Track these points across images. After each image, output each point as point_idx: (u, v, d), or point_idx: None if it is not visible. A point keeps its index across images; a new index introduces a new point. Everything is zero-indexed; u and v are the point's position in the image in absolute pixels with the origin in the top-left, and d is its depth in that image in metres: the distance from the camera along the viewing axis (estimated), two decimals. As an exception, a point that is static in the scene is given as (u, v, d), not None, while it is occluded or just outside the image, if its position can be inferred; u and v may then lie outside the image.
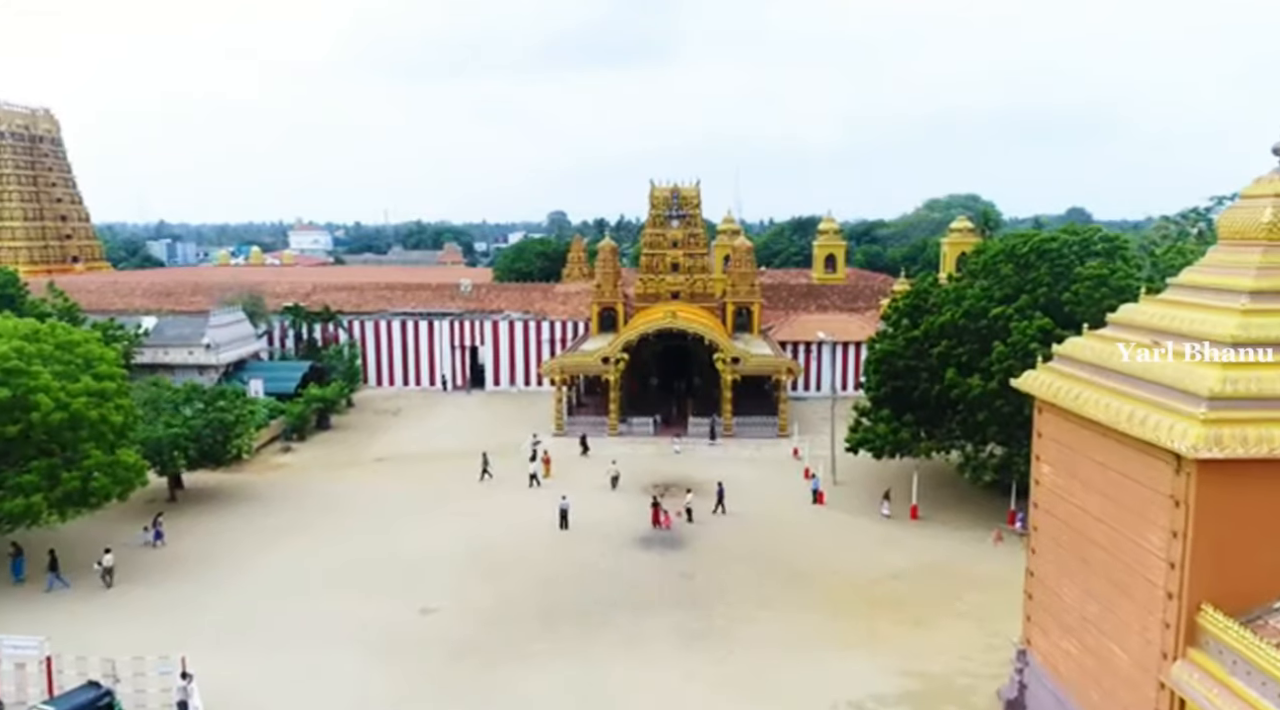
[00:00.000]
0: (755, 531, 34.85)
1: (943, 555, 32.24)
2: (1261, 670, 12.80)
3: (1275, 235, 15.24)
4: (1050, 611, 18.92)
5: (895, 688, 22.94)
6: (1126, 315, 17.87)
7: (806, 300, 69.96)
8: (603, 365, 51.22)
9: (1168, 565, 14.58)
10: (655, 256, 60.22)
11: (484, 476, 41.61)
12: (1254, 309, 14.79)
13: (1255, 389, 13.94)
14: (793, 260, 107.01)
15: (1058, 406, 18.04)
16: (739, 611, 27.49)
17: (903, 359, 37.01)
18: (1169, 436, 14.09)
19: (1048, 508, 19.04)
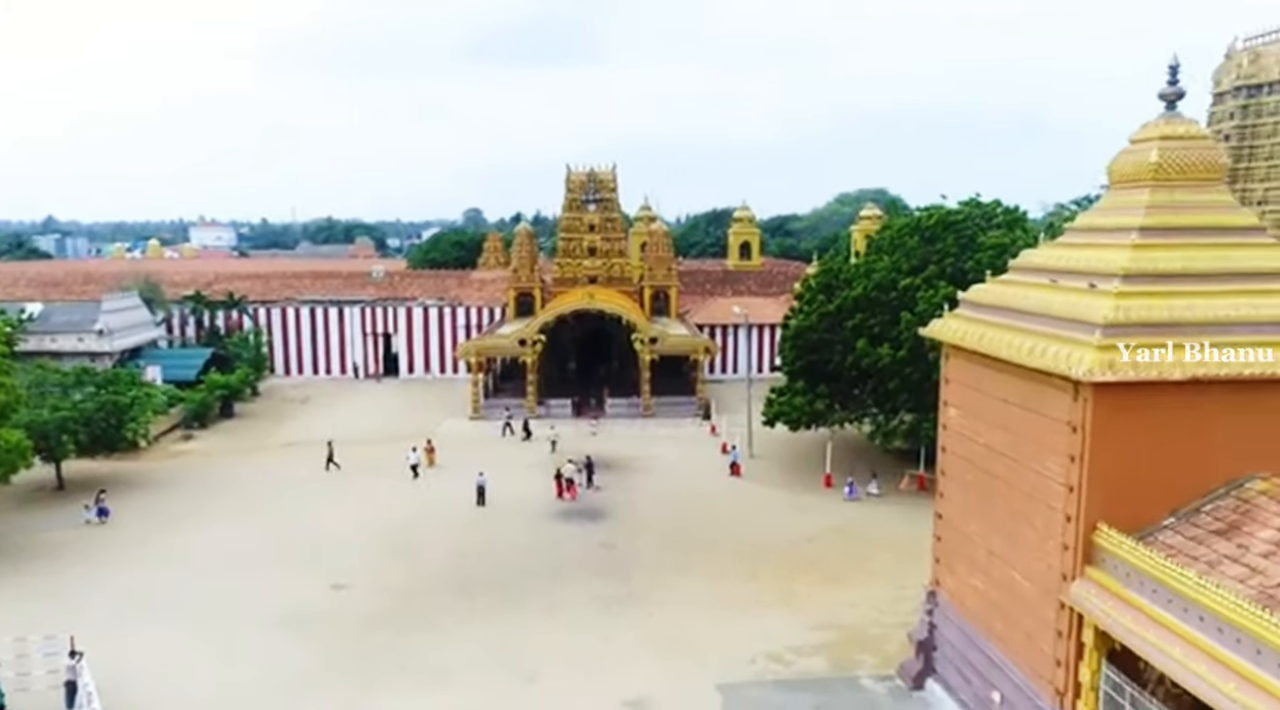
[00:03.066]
0: (676, 503, 35.00)
1: (856, 518, 33.00)
2: (1153, 579, 13.40)
3: (1161, 176, 16.00)
4: (957, 550, 19.48)
5: (811, 640, 23.32)
6: (1026, 259, 18.55)
7: (723, 286, 70.74)
8: (520, 347, 50.72)
9: (1066, 489, 15.14)
10: (572, 241, 59.89)
11: (329, 466, 39.01)
12: (1143, 243, 15.49)
13: (1144, 316, 14.59)
14: (709, 251, 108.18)
15: (964, 349, 18.59)
16: (659, 578, 27.52)
17: (816, 333, 37.70)
18: (1067, 364, 14.62)
19: (955, 450, 19.60)
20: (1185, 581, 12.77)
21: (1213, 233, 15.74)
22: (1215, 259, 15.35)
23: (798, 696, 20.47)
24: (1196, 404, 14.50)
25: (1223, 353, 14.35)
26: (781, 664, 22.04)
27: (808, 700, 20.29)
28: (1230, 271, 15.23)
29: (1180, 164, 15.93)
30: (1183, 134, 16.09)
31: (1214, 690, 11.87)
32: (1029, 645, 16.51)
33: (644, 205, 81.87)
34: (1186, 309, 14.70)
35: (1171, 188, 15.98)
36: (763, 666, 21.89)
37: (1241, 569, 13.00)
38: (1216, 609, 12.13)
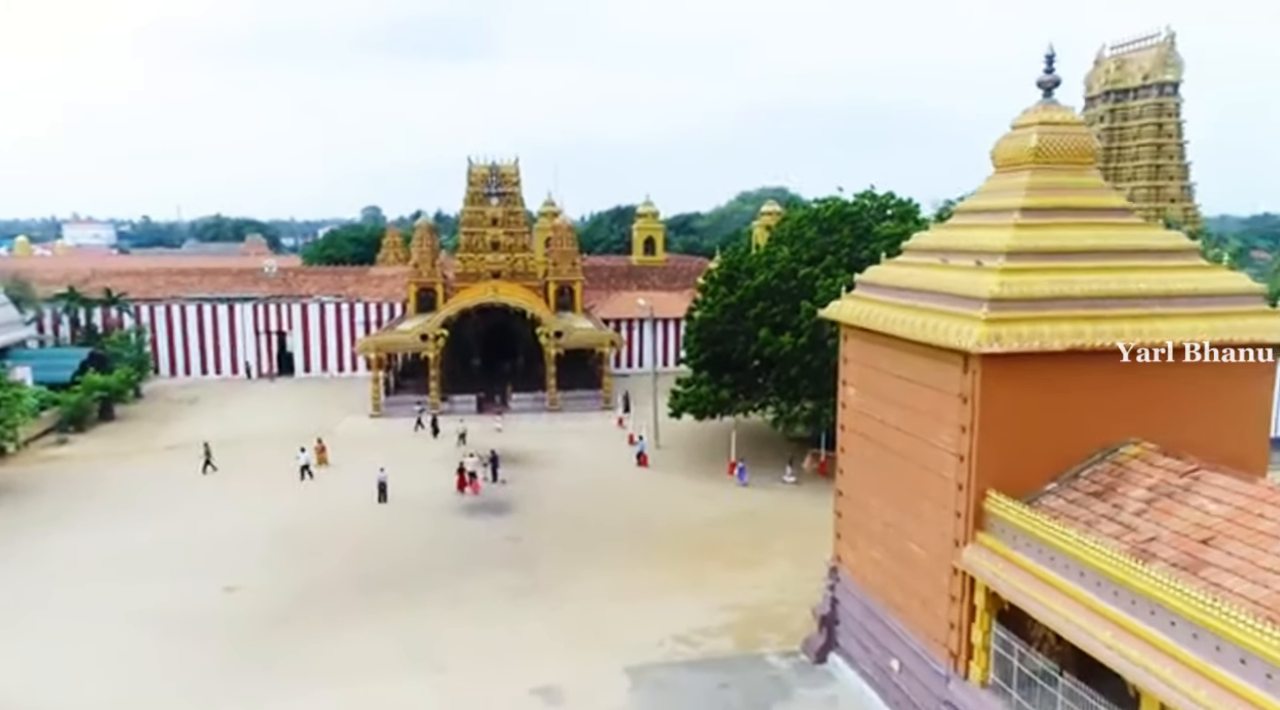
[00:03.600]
0: (582, 494, 34.87)
1: (759, 504, 33.55)
2: (1038, 540, 14.07)
3: (1040, 159, 16.83)
4: (857, 525, 20.03)
5: (718, 621, 23.59)
6: (918, 241, 19.22)
7: (628, 280, 70.93)
8: (422, 343, 49.63)
9: (957, 459, 15.75)
10: (475, 235, 58.91)
11: (206, 469, 37.14)
12: (1024, 223, 16.25)
13: (1027, 291, 15.30)
14: (614, 248, 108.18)
15: (860, 329, 19.13)
16: (566, 568, 27.36)
17: (720, 324, 38.18)
18: (957, 338, 15.21)
19: (853, 428, 20.15)
20: (1066, 540, 13.46)
21: (1087, 213, 16.65)
22: (1090, 237, 16.23)
23: (705, 676, 20.66)
24: (1075, 374, 15.30)
25: (1097, 325, 15.19)
26: (689, 645, 22.22)
27: (714, 679, 20.51)
28: (1103, 249, 16.13)
29: (1057, 148, 16.79)
30: (1059, 120, 16.95)
31: (1093, 640, 12.53)
32: (925, 612, 17.11)
33: (547, 201, 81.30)
34: (1065, 284, 15.48)
35: (1050, 171, 16.82)
36: (671, 649, 22.02)
37: (1117, 527, 13.79)
38: (1095, 564, 12.82)
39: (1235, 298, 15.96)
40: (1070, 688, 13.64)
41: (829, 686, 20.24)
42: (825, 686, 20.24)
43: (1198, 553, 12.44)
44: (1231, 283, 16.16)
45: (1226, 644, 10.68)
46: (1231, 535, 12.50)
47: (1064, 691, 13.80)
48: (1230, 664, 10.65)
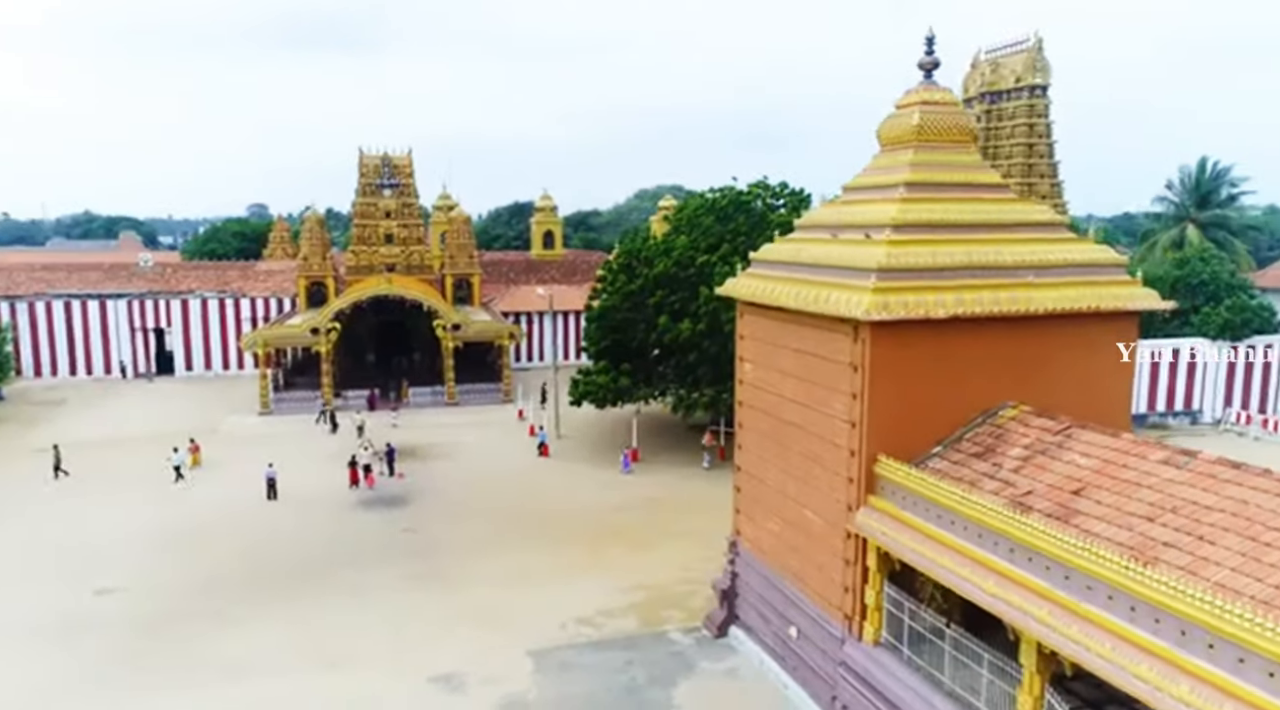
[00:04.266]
0: (483, 485, 34.37)
1: (662, 490, 33.78)
2: (925, 498, 14.63)
3: (923, 137, 17.50)
4: (756, 498, 20.39)
5: (621, 602, 23.63)
6: (809, 218, 19.70)
7: (527, 275, 70.31)
8: (312, 337, 47.90)
9: (849, 426, 16.22)
10: (367, 227, 57.23)
11: (57, 474, 34.39)
12: (909, 197, 16.87)
13: (912, 262, 15.88)
14: (512, 244, 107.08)
15: (755, 304, 19.48)
16: (467, 557, 26.90)
17: (620, 312, 38.29)
18: (847, 307, 15.66)
19: (750, 403, 20.50)
20: (951, 497, 14.04)
21: (968, 188, 17.41)
22: (970, 211, 16.97)
23: (608, 655, 20.65)
24: (958, 341, 15.96)
25: (977, 294, 15.90)
26: (592, 626, 22.17)
27: (618, 657, 20.52)
28: (982, 222, 16.90)
29: (938, 126, 17.49)
30: (939, 100, 17.67)
31: (977, 589, 13.11)
32: (821, 577, 17.55)
33: (442, 194, 79.71)
34: (947, 255, 16.13)
35: (932, 148, 17.51)
36: (574, 630, 21.92)
37: (997, 483, 14.46)
38: (978, 517, 13.42)
39: (1101, 268, 16.98)
40: (956, 638, 14.23)
41: (730, 659, 20.54)
42: (726, 659, 20.53)
43: (1069, 503, 13.16)
44: (1097, 254, 17.18)
45: (1097, 582, 11.33)
46: (1099, 485, 13.28)
47: (951, 643, 14.39)
48: (1099, 600, 11.31)
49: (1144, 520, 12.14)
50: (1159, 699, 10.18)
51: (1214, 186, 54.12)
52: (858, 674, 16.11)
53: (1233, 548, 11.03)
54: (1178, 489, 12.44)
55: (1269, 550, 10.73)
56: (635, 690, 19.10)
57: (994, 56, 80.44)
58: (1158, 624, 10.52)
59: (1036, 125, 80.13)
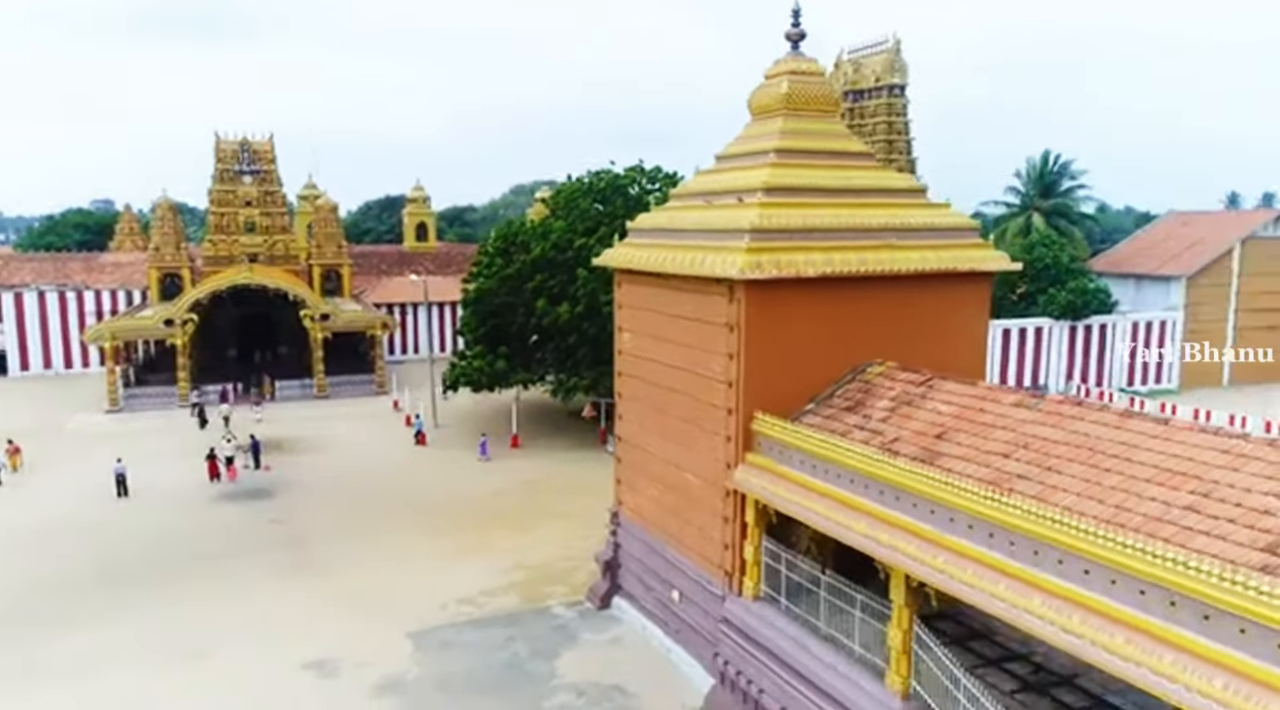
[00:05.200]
0: (356, 476, 33.15)
1: (543, 474, 33.48)
2: (800, 450, 15.03)
3: (791, 105, 17.99)
4: (637, 467, 20.47)
5: (503, 581, 23.26)
6: (684, 187, 19.93)
7: (400, 267, 68.38)
8: (166, 329, 45.04)
9: (727, 386, 16.50)
10: (226, 216, 54.19)
11: None
12: (779, 163, 17.32)
13: (783, 224, 16.29)
14: (384, 238, 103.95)
15: (633, 272, 19.55)
16: (340, 544, 25.87)
17: (498, 296, 37.73)
18: (723, 268, 15.91)
19: (630, 372, 20.56)
20: (824, 446, 14.47)
21: (835, 156, 18.01)
22: (838, 177, 17.56)
23: (490, 632, 20.29)
24: (828, 301, 16.49)
25: (845, 254, 16.46)
26: (474, 606, 21.72)
27: (500, 633, 20.19)
28: (849, 187, 17.51)
29: (806, 95, 18.02)
30: (806, 70, 18.21)
31: (850, 531, 13.56)
32: (701, 538, 17.78)
33: (308, 184, 76.59)
34: (817, 217, 16.63)
35: (800, 116, 18.02)
36: (455, 610, 21.42)
37: (866, 433, 15.00)
38: (850, 463, 13.88)
39: (958, 232, 17.91)
40: (831, 584, 14.68)
41: (614, 629, 20.53)
42: (610, 629, 20.52)
43: (933, 446, 13.80)
44: (954, 220, 18.11)
45: (959, 514, 11.92)
46: (959, 429, 13.99)
47: (826, 590, 14.84)
48: (960, 531, 11.90)
49: (1000, 457, 12.85)
50: (1015, 615, 10.78)
51: (1056, 178, 58.33)
52: (738, 628, 16.40)
53: (1078, 476, 11.81)
54: (1029, 428, 13.24)
55: (1109, 476, 11.56)
56: (518, 664, 18.82)
57: (856, 57, 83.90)
58: (1013, 547, 11.14)
59: (895, 123, 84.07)
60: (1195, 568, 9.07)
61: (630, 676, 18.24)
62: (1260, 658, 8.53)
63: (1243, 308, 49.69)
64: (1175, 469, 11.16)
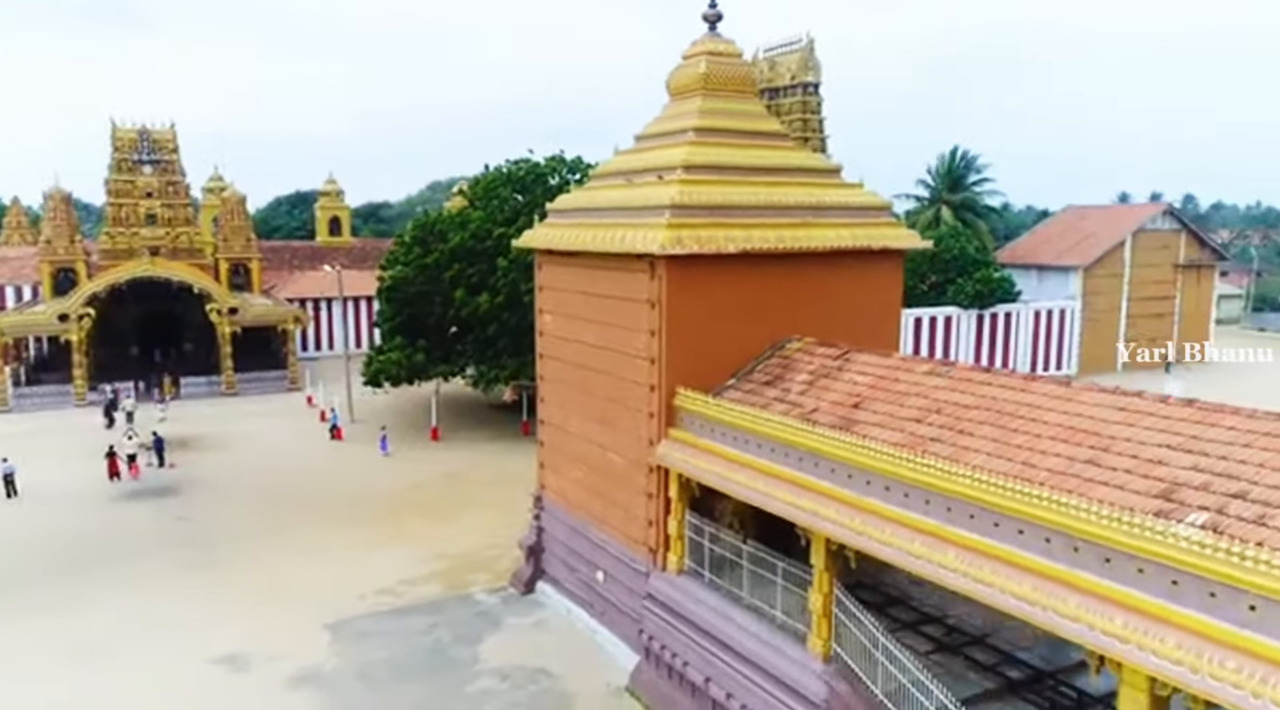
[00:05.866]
0: (269, 471, 32.09)
1: (465, 465, 33.02)
2: (722, 423, 15.17)
3: (709, 85, 18.13)
4: (560, 449, 20.35)
5: (424, 570, 22.84)
6: (603, 168, 19.87)
7: (312, 262, 66.38)
8: (60, 324, 42.77)
9: (649, 363, 16.53)
10: (125, 207, 51.59)
11: None
12: (698, 141, 17.42)
13: (704, 200, 16.40)
14: (295, 234, 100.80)
15: (554, 252, 19.42)
16: (252, 539, 25.00)
17: (414, 286, 37.01)
18: (643, 244, 15.93)
19: (552, 354, 20.43)
20: (745, 417, 14.64)
21: (752, 136, 18.21)
22: (756, 156, 17.77)
23: (411, 620, 19.89)
24: (747, 277, 16.66)
25: (764, 231, 16.67)
26: (394, 596, 21.26)
27: (421, 621, 19.81)
28: (767, 166, 17.74)
29: (723, 76, 18.19)
30: (723, 50, 18.37)
31: (772, 498, 13.75)
32: (625, 516, 17.78)
33: (214, 177, 73.79)
34: (736, 195, 16.80)
35: (718, 96, 18.17)
36: (374, 601, 20.92)
37: (786, 405, 15.22)
38: (771, 433, 14.08)
39: (871, 211, 18.33)
40: (753, 553, 14.87)
41: (538, 613, 20.37)
42: (534, 613, 20.35)
43: (850, 415, 14.10)
44: (867, 198, 18.53)
45: (875, 476, 12.21)
46: (874, 398, 14.33)
47: (748, 559, 15.02)
48: (877, 492, 12.19)
49: (913, 422, 13.21)
50: (931, 569, 11.11)
51: (963, 172, 60.53)
52: (662, 603, 16.46)
53: (987, 437, 12.23)
54: (941, 394, 13.65)
55: (1015, 435, 12.00)
56: (440, 650, 18.50)
57: (771, 55, 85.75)
58: (928, 505, 11.47)
59: (810, 121, 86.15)
60: (1096, 513, 9.50)
61: (555, 658, 18.12)
62: (1155, 595, 8.97)
63: (1134, 296, 52.46)
64: (1076, 427, 11.66)
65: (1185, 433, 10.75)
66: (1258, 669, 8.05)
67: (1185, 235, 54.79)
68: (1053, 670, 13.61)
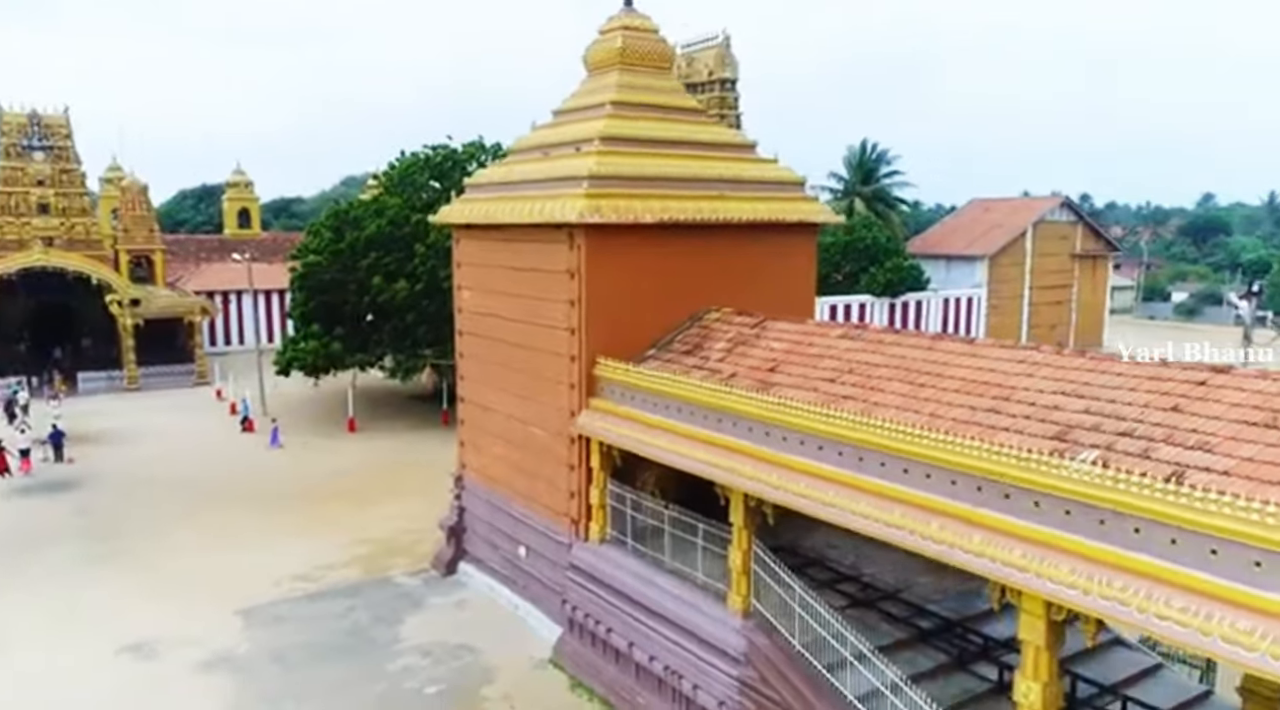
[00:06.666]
0: (177, 464, 30.90)
1: (383, 455, 32.40)
2: (643, 389, 15.32)
3: (626, 59, 18.26)
4: (481, 427, 20.20)
5: (343, 556, 22.38)
6: (521, 142, 19.80)
7: (220, 254, 64.19)
8: (-58, 318, 40.24)
9: (569, 333, 16.57)
10: (15, 196, 48.76)
11: None
12: (616, 114, 17.53)
13: (621, 170, 16.51)
14: (202, 228, 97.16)
15: (472, 227, 19.28)
16: (160, 531, 24.06)
17: (329, 273, 36.11)
18: (562, 213, 15.96)
19: (471, 331, 20.26)
20: (665, 382, 14.82)
21: (669, 110, 18.40)
22: (673, 129, 17.96)
23: (328, 604, 19.48)
24: (666, 249, 16.83)
25: (682, 202, 16.87)
26: (310, 581, 20.77)
27: (340, 604, 19.42)
28: (684, 140, 17.94)
29: (640, 50, 18.34)
30: (640, 25, 18.53)
31: (690, 460, 13.96)
32: (548, 489, 17.77)
33: (112, 166, 70.43)
34: (654, 166, 16.95)
35: (635, 71, 18.32)
36: (290, 586, 20.41)
37: (704, 372, 15.45)
38: (691, 397, 14.28)
39: (785, 185, 18.73)
40: (674, 517, 15.06)
41: (460, 592, 20.19)
42: (456, 593, 20.16)
43: (767, 378, 14.40)
44: (782, 174, 18.93)
45: (791, 432, 12.52)
46: (790, 362, 14.67)
47: (670, 524, 15.20)
48: (793, 448, 12.50)
49: (827, 382, 13.59)
50: (845, 517, 11.46)
51: (874, 165, 62.28)
52: (585, 572, 16.52)
53: (897, 393, 12.67)
54: (854, 355, 14.07)
55: (923, 390, 12.47)
56: (359, 631, 18.17)
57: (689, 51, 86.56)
58: (841, 456, 11.82)
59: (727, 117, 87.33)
60: (998, 453, 9.96)
61: (478, 635, 17.99)
62: (1051, 525, 9.47)
63: (1035, 285, 54.86)
64: (980, 380, 12.18)
65: (1078, 380, 11.36)
66: (1142, 586, 8.59)
67: (1082, 227, 57.55)
68: (960, 619, 14.18)
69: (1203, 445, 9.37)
